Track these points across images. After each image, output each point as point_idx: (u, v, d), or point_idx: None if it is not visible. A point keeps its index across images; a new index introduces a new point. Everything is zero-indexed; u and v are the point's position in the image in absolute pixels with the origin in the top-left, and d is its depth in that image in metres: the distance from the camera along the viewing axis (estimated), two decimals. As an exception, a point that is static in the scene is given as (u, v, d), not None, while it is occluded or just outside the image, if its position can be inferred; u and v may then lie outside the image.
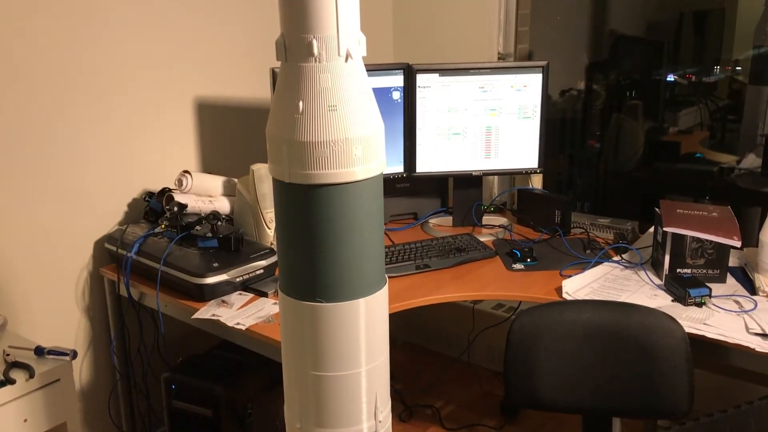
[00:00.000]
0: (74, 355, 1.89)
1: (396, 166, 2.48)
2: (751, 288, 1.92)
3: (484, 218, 2.57)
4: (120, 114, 2.25)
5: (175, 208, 2.17)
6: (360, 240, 1.17)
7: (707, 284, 1.85)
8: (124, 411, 2.39)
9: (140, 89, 2.29)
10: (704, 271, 1.96)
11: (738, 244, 1.91)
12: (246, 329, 1.79)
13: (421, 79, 2.40)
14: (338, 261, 1.17)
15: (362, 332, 1.22)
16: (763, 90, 2.73)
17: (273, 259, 2.06)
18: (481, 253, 2.23)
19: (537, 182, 2.64)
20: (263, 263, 2.04)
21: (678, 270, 1.97)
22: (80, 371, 2.30)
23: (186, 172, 2.26)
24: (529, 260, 2.17)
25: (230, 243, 2.03)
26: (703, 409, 1.59)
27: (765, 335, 1.66)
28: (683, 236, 1.95)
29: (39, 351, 1.87)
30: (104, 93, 2.20)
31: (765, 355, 1.62)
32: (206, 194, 2.31)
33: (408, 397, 2.85)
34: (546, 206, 2.45)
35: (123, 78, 2.24)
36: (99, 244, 2.27)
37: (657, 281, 1.99)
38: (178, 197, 2.22)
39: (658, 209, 2.05)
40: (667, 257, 1.97)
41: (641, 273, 2.05)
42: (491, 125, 2.45)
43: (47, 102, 2.08)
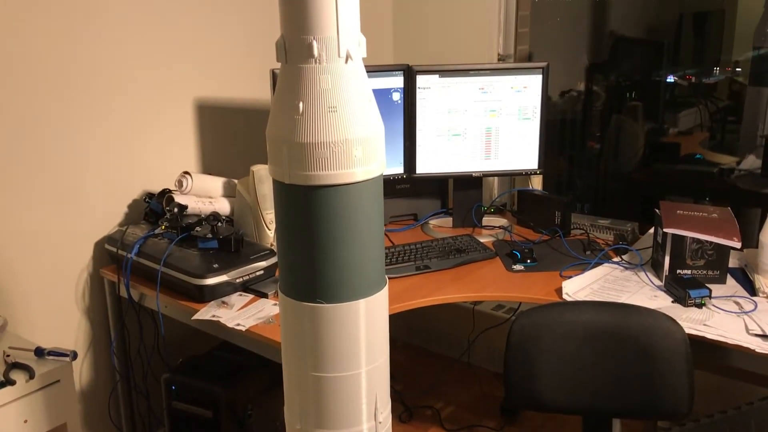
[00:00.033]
0: (74, 356, 1.89)
1: (396, 167, 2.48)
2: (751, 289, 1.92)
3: (484, 219, 2.57)
4: (120, 114, 2.26)
5: (176, 209, 2.17)
6: (360, 241, 1.17)
7: (707, 285, 1.85)
8: (124, 412, 2.39)
9: (140, 89, 2.29)
10: (704, 272, 1.96)
11: (738, 245, 1.91)
12: (246, 330, 1.79)
13: (421, 81, 2.40)
14: (338, 262, 1.17)
15: (362, 333, 1.22)
16: (763, 91, 2.73)
17: (273, 260, 2.06)
18: (481, 254, 2.23)
19: (537, 183, 2.63)
20: (263, 264, 2.04)
21: (678, 271, 1.97)
22: (80, 372, 2.30)
23: (186, 173, 2.26)
24: (529, 261, 2.17)
25: (230, 244, 2.04)
26: (703, 410, 1.58)
27: (765, 336, 1.66)
28: (683, 237, 1.95)
29: (39, 352, 1.87)
30: (104, 93, 2.21)
31: (765, 356, 1.62)
32: (206, 195, 2.31)
33: (408, 398, 2.85)
34: (546, 207, 2.45)
35: (123, 78, 2.24)
36: (99, 245, 2.27)
37: (657, 282, 1.98)
38: (179, 198, 2.22)
39: (658, 210, 2.05)
40: (667, 258, 1.96)
41: (641, 274, 2.04)
42: (491, 126, 2.45)
43: (47, 102, 2.08)
